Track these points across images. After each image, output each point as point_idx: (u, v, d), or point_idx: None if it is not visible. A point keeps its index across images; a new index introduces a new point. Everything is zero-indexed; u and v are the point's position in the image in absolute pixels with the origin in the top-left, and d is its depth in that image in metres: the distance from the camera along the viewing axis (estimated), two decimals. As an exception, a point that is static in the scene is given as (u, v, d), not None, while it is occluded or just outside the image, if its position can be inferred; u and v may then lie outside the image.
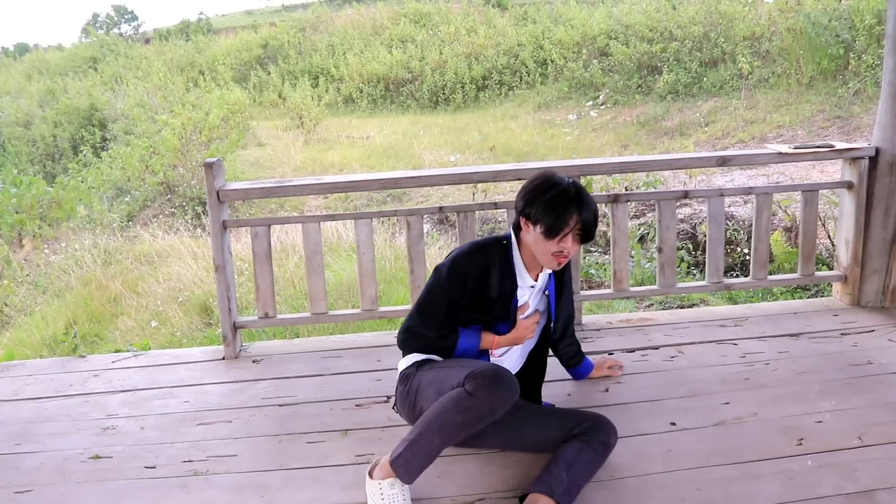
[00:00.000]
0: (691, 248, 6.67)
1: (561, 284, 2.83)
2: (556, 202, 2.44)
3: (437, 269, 2.62)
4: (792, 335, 3.62)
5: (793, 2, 14.79)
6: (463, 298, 2.57)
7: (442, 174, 3.84)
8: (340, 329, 5.17)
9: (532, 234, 2.51)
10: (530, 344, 2.81)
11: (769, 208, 3.83)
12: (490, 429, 2.45)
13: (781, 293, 5.62)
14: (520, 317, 2.67)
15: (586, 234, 2.48)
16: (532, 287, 2.68)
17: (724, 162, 3.78)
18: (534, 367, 2.86)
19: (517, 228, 2.62)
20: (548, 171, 2.61)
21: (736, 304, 5.21)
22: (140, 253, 8.19)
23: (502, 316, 2.63)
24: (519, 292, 2.64)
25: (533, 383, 2.83)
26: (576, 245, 2.50)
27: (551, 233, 2.45)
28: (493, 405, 2.30)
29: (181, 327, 5.97)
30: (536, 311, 2.72)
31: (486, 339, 2.65)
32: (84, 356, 3.85)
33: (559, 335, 2.98)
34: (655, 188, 7.69)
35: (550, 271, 2.71)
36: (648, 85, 16.18)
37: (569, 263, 2.72)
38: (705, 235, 6.82)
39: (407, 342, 2.65)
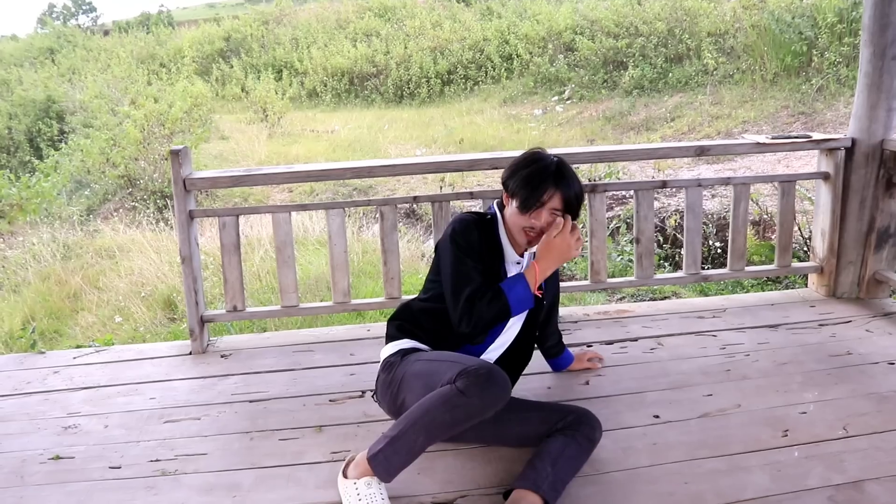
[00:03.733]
0: (661, 240, 6.66)
1: None
2: (534, 176, 2.44)
3: (442, 245, 2.54)
4: (770, 326, 3.59)
5: (756, -1, 14.96)
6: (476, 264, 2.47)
7: (417, 163, 3.74)
8: (309, 323, 5.06)
9: (510, 207, 2.51)
10: (516, 329, 2.69)
11: (747, 199, 3.80)
12: (472, 423, 2.35)
13: (752, 286, 5.62)
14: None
15: (567, 207, 2.45)
16: (518, 263, 2.61)
17: (702, 152, 3.74)
18: (517, 355, 2.73)
19: (501, 206, 2.60)
20: (537, 148, 2.61)
21: (707, 296, 5.20)
22: (101, 247, 7.97)
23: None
24: (507, 265, 2.58)
25: (513, 371, 2.69)
26: (549, 220, 2.44)
27: (525, 206, 2.44)
28: (484, 404, 2.19)
29: (144, 322, 5.81)
30: (564, 221, 2.46)
31: (529, 273, 2.45)
32: (43, 352, 3.69)
33: (545, 317, 2.88)
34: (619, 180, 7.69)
35: (535, 250, 2.61)
36: (614, 80, 16.23)
37: None
38: (674, 228, 6.91)
39: (466, 316, 2.40)
